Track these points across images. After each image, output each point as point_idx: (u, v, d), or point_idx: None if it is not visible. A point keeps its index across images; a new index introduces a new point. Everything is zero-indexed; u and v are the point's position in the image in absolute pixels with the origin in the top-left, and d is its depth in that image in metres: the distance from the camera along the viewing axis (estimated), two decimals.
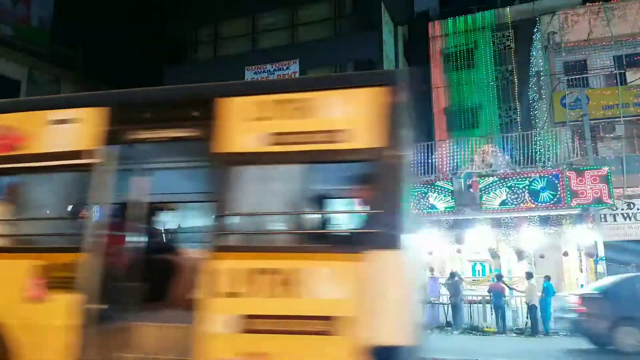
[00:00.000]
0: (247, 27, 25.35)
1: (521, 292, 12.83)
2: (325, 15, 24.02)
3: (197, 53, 26.44)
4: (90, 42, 32.85)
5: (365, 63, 22.77)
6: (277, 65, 23.70)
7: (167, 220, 5.81)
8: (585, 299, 10.08)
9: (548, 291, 12.41)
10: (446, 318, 13.45)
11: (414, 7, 27.03)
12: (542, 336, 11.94)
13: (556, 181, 13.46)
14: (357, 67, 23.18)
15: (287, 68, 23.54)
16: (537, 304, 12.30)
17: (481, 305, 13.15)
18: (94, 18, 35.42)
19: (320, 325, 3.22)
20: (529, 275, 12.69)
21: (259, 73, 23.97)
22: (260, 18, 25.02)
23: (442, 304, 13.59)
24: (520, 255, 13.19)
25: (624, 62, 18.00)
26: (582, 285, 13.08)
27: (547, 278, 12.63)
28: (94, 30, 34.46)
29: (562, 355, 9.37)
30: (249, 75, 24.07)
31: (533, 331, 12.08)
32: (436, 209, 14.61)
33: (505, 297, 12.82)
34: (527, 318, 12.53)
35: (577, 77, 18.24)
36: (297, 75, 23.40)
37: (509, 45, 22.90)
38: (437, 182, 14.91)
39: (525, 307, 12.85)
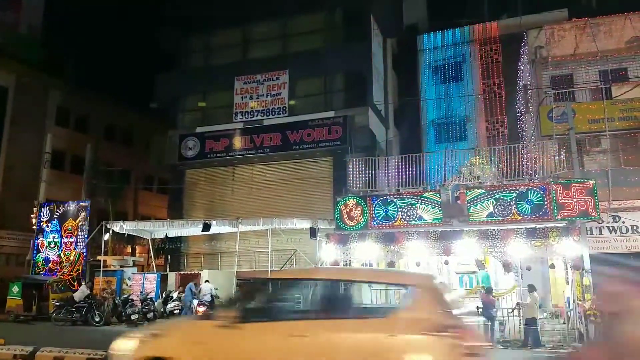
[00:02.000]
0: (238, 37, 25.43)
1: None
2: (316, 27, 24.18)
3: (188, 62, 26.44)
4: (80, 51, 32.74)
5: (355, 75, 22.92)
6: (267, 75, 23.77)
7: None
8: None
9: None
10: None
11: (403, 20, 27.31)
12: (533, 348, 11.90)
13: (543, 194, 13.55)
14: (346, 79, 23.33)
15: (277, 78, 23.61)
16: (537, 317, 12.32)
17: (468, 317, 13.10)
18: (85, 26, 35.31)
19: None
20: (532, 288, 12.67)
21: (249, 83, 24.01)
22: (251, 28, 25.10)
23: None
24: (507, 267, 13.21)
25: (610, 77, 18.28)
26: (567, 298, 13.12)
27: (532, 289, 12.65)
28: (84, 39, 34.35)
29: None
30: (238, 85, 24.10)
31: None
32: (424, 220, 14.62)
33: (495, 309, 12.80)
34: (519, 331, 12.48)
35: (563, 91, 18.48)
36: (286, 85, 23.48)
37: (497, 59, 23.22)
38: (425, 193, 14.94)
39: (513, 319, 12.81)
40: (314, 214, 19.78)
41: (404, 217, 14.84)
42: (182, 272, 22.19)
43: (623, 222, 16.64)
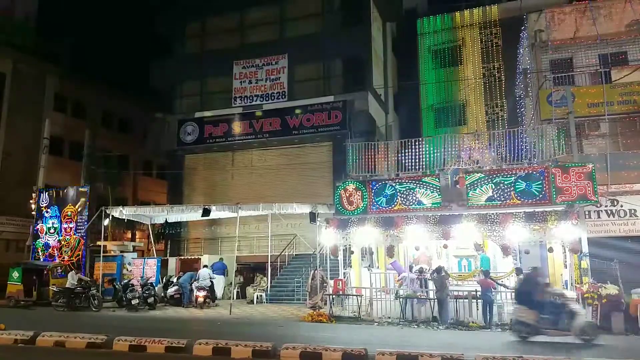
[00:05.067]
0: (237, 22, 25.20)
1: (511, 288, 12.88)
2: (315, 11, 23.97)
3: (185, 48, 26.25)
4: (76, 37, 32.46)
5: (354, 60, 22.80)
6: (266, 59, 23.62)
7: None
8: None
9: None
10: (432, 313, 13.52)
11: (403, 3, 27.06)
12: None
13: (542, 178, 13.58)
14: (346, 63, 23.20)
15: (276, 63, 23.48)
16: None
17: (467, 300, 13.23)
18: (81, 13, 34.94)
19: None
20: (519, 271, 12.75)
21: (247, 67, 23.88)
22: (249, 12, 24.88)
23: (428, 299, 13.67)
24: (505, 250, 13.28)
25: (609, 61, 18.19)
26: (566, 281, 13.24)
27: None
28: (80, 25, 34.02)
29: (550, 348, 9.47)
30: (237, 69, 23.96)
31: (520, 327, 12.08)
32: (423, 204, 14.66)
33: (493, 292, 12.90)
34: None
35: (563, 75, 18.40)
36: (285, 70, 23.35)
37: (497, 43, 23.08)
38: (424, 178, 14.96)
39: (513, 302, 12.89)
40: (313, 199, 19.84)
41: (403, 201, 14.87)
42: (182, 257, 22.31)
43: (621, 206, 16.70)
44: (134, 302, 16.81)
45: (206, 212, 18.69)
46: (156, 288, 18.29)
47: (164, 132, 24.56)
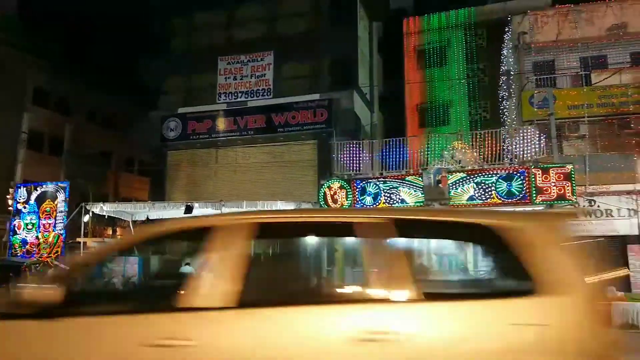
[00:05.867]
0: (223, 18, 25.04)
1: None
2: (302, 9, 23.93)
3: (170, 43, 25.99)
4: (60, 31, 31.84)
5: (340, 58, 22.83)
6: (251, 56, 23.52)
7: None
8: None
9: None
10: None
11: (390, 3, 27.20)
12: None
13: (522, 178, 13.81)
14: (332, 62, 23.21)
15: (262, 59, 23.39)
16: None
17: None
18: (65, 6, 34.29)
19: None
20: None
21: (232, 63, 23.73)
22: (236, 9, 24.74)
23: None
24: None
25: (590, 64, 18.56)
26: None
27: None
28: (64, 19, 33.40)
29: None
30: (222, 65, 23.81)
31: None
32: (406, 203, 14.81)
33: None
34: None
35: (545, 77, 18.72)
36: (271, 67, 23.28)
37: (481, 44, 23.34)
38: (408, 177, 15.10)
39: None
40: (297, 197, 19.81)
41: (387, 200, 15.00)
42: (164, 255, 22.09)
43: (598, 206, 17.07)
44: None
45: (189, 209, 18.52)
46: None
47: (147, 128, 24.28)
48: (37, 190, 22.09)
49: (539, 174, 13.74)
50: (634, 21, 18.19)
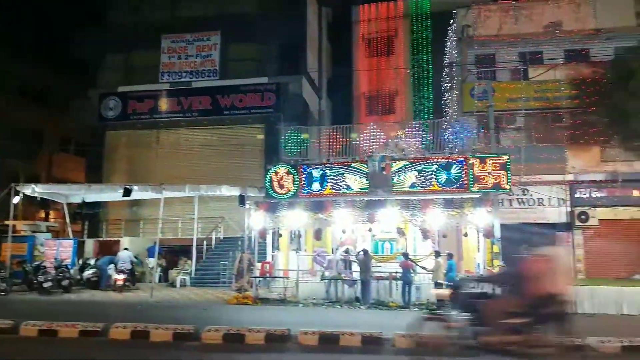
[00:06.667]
0: None
1: (429, 270, 13.51)
2: None
3: (111, 18, 24.68)
4: None
5: (289, 42, 22.56)
6: (197, 35, 22.79)
7: None
8: None
9: (452, 268, 13.19)
10: (355, 293, 13.92)
11: None
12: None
13: (461, 167, 14.32)
14: (281, 45, 22.90)
15: (208, 39, 22.74)
16: (443, 281, 13.01)
17: (387, 281, 13.76)
18: None
19: None
20: (437, 254, 13.40)
21: (177, 42, 22.92)
22: None
23: (353, 280, 14.05)
24: (425, 234, 13.93)
25: (528, 59, 19.38)
26: (478, 263, 14.11)
27: (450, 256, 13.43)
28: None
29: None
30: (166, 43, 22.93)
31: (439, 306, 12.67)
32: (351, 189, 14.99)
33: (412, 273, 13.49)
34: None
35: (485, 69, 19.38)
36: (218, 47, 22.67)
37: (427, 36, 23.81)
38: (354, 164, 15.26)
39: (430, 283, 13.57)
40: (243, 182, 19.57)
41: (333, 186, 15.12)
42: (101, 239, 21.25)
43: (531, 195, 18.04)
44: (45, 285, 15.77)
45: (127, 192, 17.83)
46: (72, 271, 17.29)
47: (85, 107, 23.07)
48: None
49: (476, 163, 14.28)
50: (568, 20, 19.11)
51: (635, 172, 17.23)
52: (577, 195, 18.00)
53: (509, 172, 14.33)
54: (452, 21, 20.66)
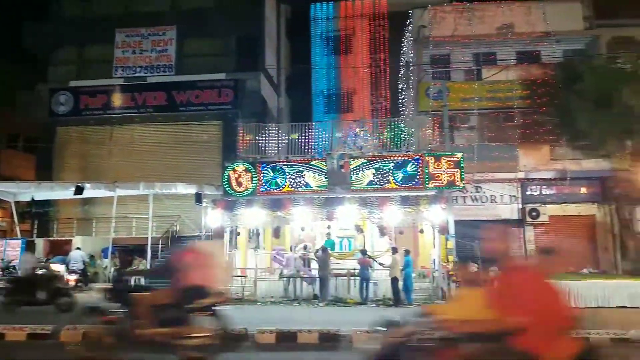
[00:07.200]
0: None
1: (387, 266, 13.71)
2: None
3: (62, 9, 23.67)
4: None
5: (247, 38, 22.33)
6: (152, 29, 22.21)
7: None
8: None
9: (409, 264, 13.43)
10: (314, 291, 13.99)
11: None
12: (403, 306, 12.88)
13: (417, 165, 14.63)
14: (238, 41, 22.64)
15: (164, 34, 22.20)
16: (400, 277, 13.25)
17: (346, 278, 13.91)
18: None
19: None
20: (394, 250, 13.62)
21: (131, 36, 22.26)
22: None
23: (311, 277, 14.11)
24: (382, 231, 14.17)
25: (481, 60, 19.98)
26: (433, 259, 14.47)
27: (407, 252, 13.67)
28: None
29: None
30: (120, 37, 22.23)
31: (395, 302, 12.93)
32: (310, 187, 15.05)
33: (370, 270, 13.68)
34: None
35: (440, 70, 19.85)
36: (173, 42, 22.18)
37: (384, 35, 24.12)
38: (313, 161, 15.32)
39: (387, 280, 13.83)
40: (200, 180, 19.25)
41: (291, 183, 15.12)
42: (51, 239, 20.43)
43: (484, 193, 18.66)
44: None
45: (79, 190, 17.22)
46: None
47: (34, 102, 22.05)
48: None
49: (431, 162, 14.65)
50: (520, 22, 19.80)
51: (583, 170, 18.03)
52: (528, 193, 18.74)
53: (462, 170, 14.77)
54: (408, 22, 21.03)
